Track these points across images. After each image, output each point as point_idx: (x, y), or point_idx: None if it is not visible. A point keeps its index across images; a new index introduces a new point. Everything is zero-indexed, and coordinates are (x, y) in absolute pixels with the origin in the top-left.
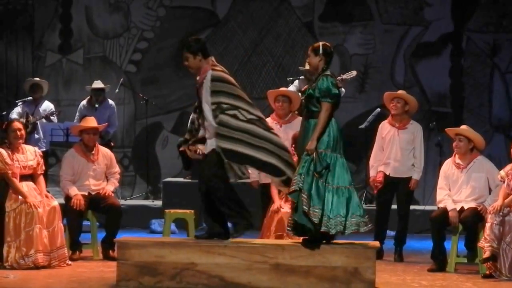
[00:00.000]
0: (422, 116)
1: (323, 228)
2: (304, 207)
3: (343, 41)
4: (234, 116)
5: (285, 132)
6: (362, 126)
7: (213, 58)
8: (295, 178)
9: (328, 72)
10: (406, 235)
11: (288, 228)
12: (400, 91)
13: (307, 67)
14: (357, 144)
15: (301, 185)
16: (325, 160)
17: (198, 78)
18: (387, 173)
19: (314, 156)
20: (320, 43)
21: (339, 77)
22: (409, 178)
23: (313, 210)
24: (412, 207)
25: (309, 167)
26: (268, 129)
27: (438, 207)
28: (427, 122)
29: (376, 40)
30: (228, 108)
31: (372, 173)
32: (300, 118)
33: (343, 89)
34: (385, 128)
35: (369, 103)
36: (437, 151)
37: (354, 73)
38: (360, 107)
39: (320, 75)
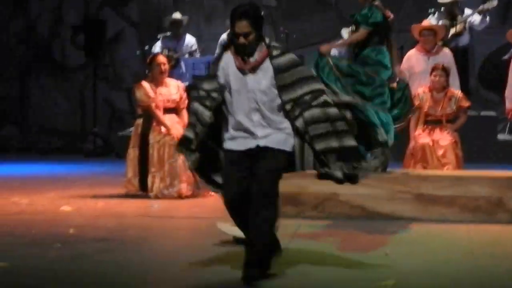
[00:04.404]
0: None
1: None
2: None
3: None
4: None
5: (433, 64)
6: (506, 57)
7: None
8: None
9: (376, 2)
10: None
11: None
12: None
13: None
14: (500, 75)
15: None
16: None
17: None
18: None
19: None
20: None
21: (480, 7)
22: None
23: None
24: None
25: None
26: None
27: None
28: None
29: None
30: None
31: (508, 104)
32: (447, 50)
33: (487, 19)
34: None
35: None
36: None
37: (495, 2)
38: (502, 38)
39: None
